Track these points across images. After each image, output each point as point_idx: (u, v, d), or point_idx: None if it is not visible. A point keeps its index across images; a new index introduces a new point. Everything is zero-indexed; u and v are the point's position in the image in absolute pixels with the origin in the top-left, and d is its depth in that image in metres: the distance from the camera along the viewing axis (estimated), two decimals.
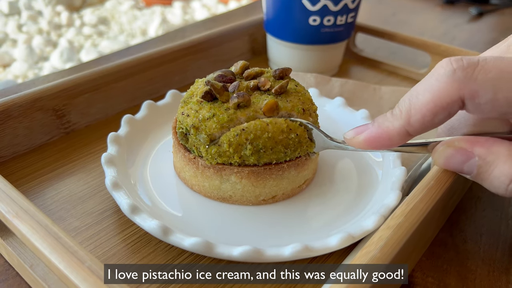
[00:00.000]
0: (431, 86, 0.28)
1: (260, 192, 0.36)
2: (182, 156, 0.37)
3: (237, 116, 0.34)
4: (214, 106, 0.35)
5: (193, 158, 0.36)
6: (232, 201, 0.37)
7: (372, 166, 0.42)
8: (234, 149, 0.34)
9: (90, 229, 0.36)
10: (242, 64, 0.39)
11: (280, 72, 0.38)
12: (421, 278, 0.33)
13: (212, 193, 0.37)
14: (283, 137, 0.34)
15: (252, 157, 0.34)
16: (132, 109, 0.52)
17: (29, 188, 0.40)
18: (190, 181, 0.38)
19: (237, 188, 0.36)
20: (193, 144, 0.36)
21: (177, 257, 0.33)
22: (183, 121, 0.36)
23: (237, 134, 0.33)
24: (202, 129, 0.34)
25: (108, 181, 0.35)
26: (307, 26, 0.56)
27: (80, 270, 0.24)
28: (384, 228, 0.27)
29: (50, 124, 0.46)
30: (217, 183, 0.36)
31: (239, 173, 0.35)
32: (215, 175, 0.36)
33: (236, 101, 0.34)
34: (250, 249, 0.30)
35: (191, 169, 0.37)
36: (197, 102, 0.36)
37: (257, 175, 0.35)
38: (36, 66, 1.67)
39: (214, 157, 0.34)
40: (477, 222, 0.39)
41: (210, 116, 0.34)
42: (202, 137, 0.34)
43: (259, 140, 0.33)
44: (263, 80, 0.37)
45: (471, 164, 0.29)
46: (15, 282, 0.32)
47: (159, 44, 0.57)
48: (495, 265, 0.34)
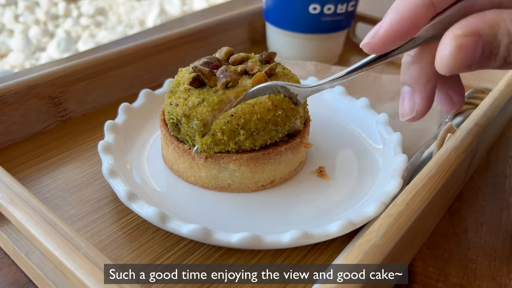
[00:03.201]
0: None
1: (259, 178, 0.36)
2: (175, 148, 0.36)
3: (226, 96, 0.34)
4: (202, 92, 0.34)
5: (188, 149, 0.35)
6: (231, 190, 0.37)
7: (373, 153, 0.41)
8: (228, 136, 0.33)
9: (87, 217, 0.35)
10: (226, 50, 0.38)
11: (267, 56, 0.38)
12: (422, 267, 0.33)
13: (210, 183, 0.36)
14: (271, 115, 0.34)
15: (247, 141, 0.34)
16: (129, 97, 0.51)
17: (25, 176, 0.39)
18: (184, 173, 0.37)
19: (235, 176, 0.36)
20: (186, 134, 0.35)
21: (175, 245, 0.33)
22: (172, 111, 0.35)
23: (227, 121, 0.33)
24: (194, 115, 0.33)
25: (105, 168, 0.35)
26: (307, 15, 0.56)
27: (76, 257, 0.24)
28: (385, 216, 0.27)
29: (46, 112, 0.45)
30: (215, 172, 0.36)
31: (238, 160, 0.34)
32: (213, 164, 0.35)
33: (224, 81, 0.34)
34: (249, 236, 0.29)
35: (185, 160, 0.36)
36: (184, 90, 0.35)
37: (255, 161, 0.35)
38: (33, 56, 1.66)
39: (210, 146, 0.34)
40: (478, 212, 0.38)
41: (200, 102, 0.33)
42: (195, 124, 0.33)
43: (250, 124, 0.33)
44: (250, 65, 0.36)
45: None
46: (11, 270, 0.32)
47: (157, 33, 0.56)
48: (496, 255, 0.34)
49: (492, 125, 0.39)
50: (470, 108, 0.49)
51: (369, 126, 0.44)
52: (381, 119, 0.43)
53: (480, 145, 0.38)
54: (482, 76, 0.57)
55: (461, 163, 0.33)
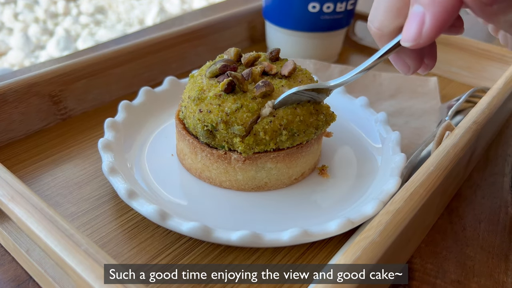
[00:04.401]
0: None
1: (293, 172, 0.37)
2: (207, 155, 0.36)
3: (264, 103, 0.34)
4: (237, 97, 0.34)
5: (224, 154, 0.35)
6: (267, 188, 0.37)
7: (372, 152, 0.41)
8: (270, 136, 0.33)
9: (87, 214, 0.35)
10: (235, 51, 0.38)
11: (276, 53, 0.38)
12: (420, 264, 0.33)
13: (247, 185, 0.37)
14: (313, 119, 0.35)
15: (287, 142, 0.34)
16: (129, 95, 0.51)
17: (25, 174, 0.39)
18: (218, 178, 0.37)
19: (272, 173, 0.36)
20: (223, 139, 0.34)
21: (174, 243, 0.33)
22: (205, 119, 0.34)
23: (270, 121, 0.33)
24: (233, 121, 0.33)
25: (105, 166, 0.35)
26: (307, 13, 0.56)
27: (76, 253, 0.24)
28: (384, 213, 0.27)
29: (46, 110, 0.45)
30: (252, 173, 0.36)
31: (275, 158, 0.35)
32: (251, 166, 0.35)
33: (264, 90, 0.34)
34: (248, 234, 0.29)
35: (220, 166, 0.36)
36: (215, 96, 0.34)
37: (291, 156, 0.36)
38: (33, 55, 1.66)
39: (251, 147, 0.34)
40: (476, 209, 0.39)
41: (239, 107, 0.33)
42: (237, 129, 0.33)
43: (293, 125, 0.34)
44: (268, 65, 0.37)
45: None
46: (11, 267, 0.32)
47: (156, 32, 0.56)
48: (494, 252, 0.34)
49: (490, 123, 0.39)
50: (470, 107, 0.49)
51: (368, 125, 0.44)
52: (380, 118, 0.43)
53: (478, 143, 0.38)
54: (481, 75, 0.58)
55: (460, 161, 0.33)
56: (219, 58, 0.39)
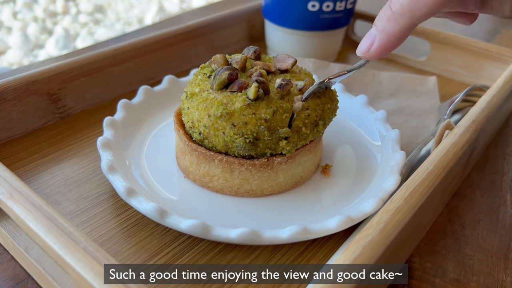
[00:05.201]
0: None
1: (317, 159, 0.39)
2: (248, 167, 0.34)
3: (292, 100, 0.34)
4: (268, 101, 0.33)
5: (266, 161, 0.34)
6: (302, 182, 0.38)
7: (371, 150, 0.41)
8: (310, 129, 0.34)
9: (86, 212, 0.35)
10: (223, 58, 0.36)
11: (259, 52, 0.38)
12: (419, 263, 0.33)
13: (287, 184, 0.37)
14: (333, 105, 0.36)
15: (321, 131, 0.35)
16: (128, 94, 0.51)
17: (24, 172, 0.39)
18: (259, 188, 0.36)
19: (306, 166, 0.37)
20: (266, 147, 0.34)
21: (173, 241, 0.33)
22: (243, 131, 0.32)
23: (308, 115, 0.34)
24: (275, 125, 0.33)
25: (104, 164, 0.35)
26: (306, 12, 0.56)
27: (75, 251, 0.24)
28: (383, 211, 0.27)
29: (45, 108, 0.45)
30: (292, 171, 0.36)
31: (308, 150, 0.36)
32: (291, 164, 0.36)
33: (288, 88, 0.34)
34: (248, 231, 0.29)
35: (262, 174, 0.35)
36: (245, 107, 0.33)
37: (317, 144, 0.37)
38: (31, 54, 1.66)
39: (296, 143, 0.34)
40: (476, 208, 0.39)
41: (275, 111, 0.33)
42: (283, 132, 0.33)
43: (325, 114, 0.35)
44: (265, 64, 0.37)
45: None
46: (10, 265, 0.32)
47: (156, 30, 0.56)
48: (493, 251, 0.34)
49: (490, 122, 0.39)
50: (468, 106, 0.49)
51: (368, 123, 0.44)
52: (380, 116, 0.43)
53: (478, 142, 0.38)
54: (480, 74, 0.58)
55: (459, 160, 0.33)
56: (202, 68, 0.38)
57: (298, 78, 0.37)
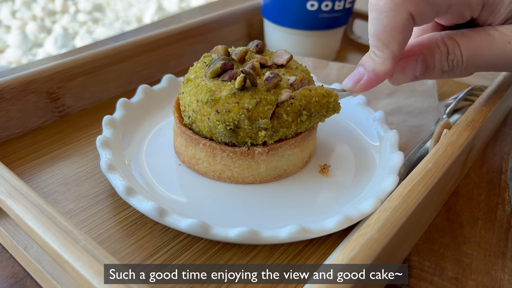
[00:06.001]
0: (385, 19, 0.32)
1: (304, 156, 0.39)
2: (229, 154, 0.35)
3: (279, 92, 0.35)
4: (253, 92, 0.34)
5: (247, 150, 0.35)
6: (285, 175, 0.38)
7: (369, 150, 0.42)
8: (291, 117, 0.34)
9: (85, 211, 0.35)
10: (223, 48, 0.38)
11: (261, 46, 0.39)
12: (418, 261, 0.33)
13: (269, 175, 0.37)
14: (325, 100, 0.36)
15: (306, 122, 0.35)
16: (127, 93, 0.51)
17: (23, 171, 0.39)
18: (240, 175, 0.37)
19: (290, 160, 0.37)
20: (246, 135, 0.35)
21: (172, 239, 0.33)
22: (226, 118, 0.34)
23: (291, 103, 0.34)
24: (256, 116, 0.33)
25: (103, 163, 0.35)
26: (305, 11, 0.56)
27: (74, 249, 0.24)
28: (382, 210, 0.27)
29: (44, 107, 0.45)
30: (274, 163, 0.37)
31: (293, 144, 0.36)
32: (273, 156, 0.36)
33: (275, 81, 0.34)
34: (246, 231, 0.29)
35: (243, 163, 0.36)
36: (230, 95, 0.34)
37: (304, 140, 0.37)
38: (30, 52, 1.66)
39: (276, 129, 0.34)
40: (474, 207, 0.39)
41: (258, 102, 0.33)
42: (263, 122, 0.33)
43: (310, 105, 0.35)
44: (261, 58, 0.37)
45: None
46: (9, 264, 0.32)
47: (154, 29, 0.56)
48: (491, 249, 0.34)
49: (488, 122, 0.39)
50: (468, 105, 0.49)
51: (366, 123, 0.44)
52: (378, 117, 0.43)
53: (476, 141, 0.38)
54: (479, 74, 0.58)
55: (457, 159, 0.33)
56: (205, 57, 0.39)
57: (293, 73, 0.37)
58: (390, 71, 0.34)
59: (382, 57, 0.33)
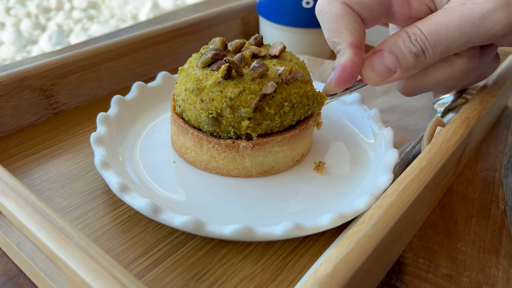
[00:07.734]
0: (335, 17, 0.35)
1: (295, 154, 0.38)
2: (214, 145, 0.36)
3: (264, 83, 0.34)
4: (237, 82, 0.34)
5: (232, 143, 0.35)
6: (273, 172, 0.38)
7: (364, 147, 0.42)
8: (274, 110, 0.34)
9: (79, 208, 0.35)
10: (221, 40, 0.38)
11: (260, 39, 0.39)
12: (412, 258, 0.33)
13: (255, 170, 0.37)
14: (304, 90, 0.36)
15: (289, 114, 0.35)
16: (122, 90, 0.51)
17: (16, 168, 0.39)
18: (225, 168, 0.37)
19: (278, 157, 0.37)
20: (229, 125, 0.35)
21: (167, 237, 0.33)
22: (209, 107, 0.34)
23: (273, 96, 0.34)
24: (238, 105, 0.34)
25: (97, 160, 0.35)
26: (300, 9, 0.56)
27: (68, 246, 0.24)
28: (376, 206, 0.27)
29: (38, 104, 0.45)
30: (260, 159, 0.37)
31: (281, 141, 0.36)
32: (259, 151, 0.36)
33: (261, 71, 0.34)
34: (241, 227, 0.29)
35: (228, 155, 0.36)
36: (215, 84, 0.34)
37: (294, 138, 0.37)
38: (24, 50, 1.65)
39: (259, 122, 0.35)
40: (468, 204, 0.39)
41: (241, 91, 0.34)
42: (245, 111, 0.34)
43: (291, 97, 0.35)
44: (256, 48, 0.37)
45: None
46: (2, 261, 0.32)
47: (150, 27, 0.56)
48: (485, 246, 0.35)
49: (482, 120, 0.39)
50: (462, 103, 0.49)
51: (361, 121, 0.44)
52: (373, 114, 0.43)
53: (470, 139, 0.39)
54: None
55: (452, 156, 0.34)
56: (203, 49, 0.39)
57: (285, 65, 0.37)
58: (355, 60, 0.35)
59: (341, 49, 0.35)
